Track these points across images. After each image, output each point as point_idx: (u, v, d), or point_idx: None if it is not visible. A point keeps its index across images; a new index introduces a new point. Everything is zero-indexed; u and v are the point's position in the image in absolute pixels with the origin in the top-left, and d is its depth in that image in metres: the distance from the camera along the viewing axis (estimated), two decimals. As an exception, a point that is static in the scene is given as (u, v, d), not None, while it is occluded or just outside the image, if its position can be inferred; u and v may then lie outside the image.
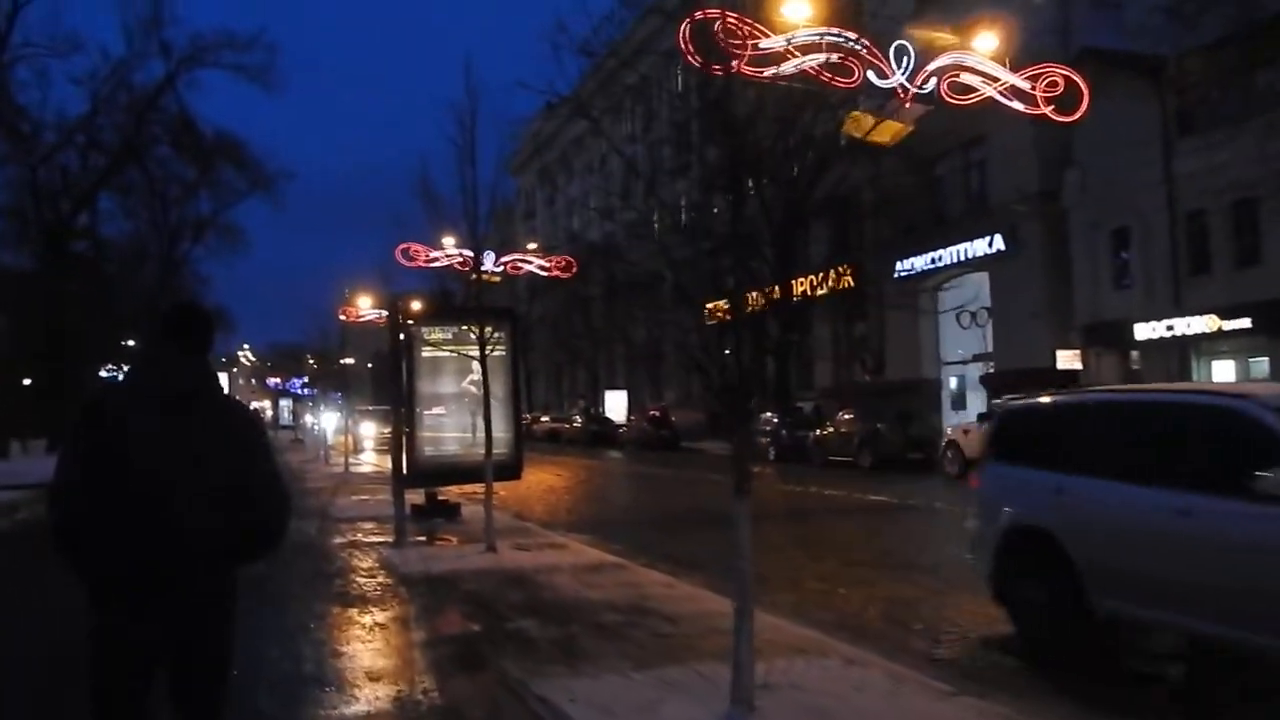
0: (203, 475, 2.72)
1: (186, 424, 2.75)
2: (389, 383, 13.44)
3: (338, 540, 12.01)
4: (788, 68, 15.47)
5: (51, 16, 58.17)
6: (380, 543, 11.61)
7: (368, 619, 7.52)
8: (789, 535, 12.99)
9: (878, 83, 16.29)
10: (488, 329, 10.57)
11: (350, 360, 78.26)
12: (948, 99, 15.49)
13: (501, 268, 39.00)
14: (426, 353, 11.37)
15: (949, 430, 23.61)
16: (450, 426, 11.65)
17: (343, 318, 74.46)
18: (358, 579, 9.33)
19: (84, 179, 35.00)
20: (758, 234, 39.08)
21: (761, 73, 15.63)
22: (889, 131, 15.34)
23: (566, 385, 66.56)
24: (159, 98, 33.87)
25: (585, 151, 67.67)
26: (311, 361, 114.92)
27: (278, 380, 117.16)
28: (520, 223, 74.86)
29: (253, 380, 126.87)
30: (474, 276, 12.33)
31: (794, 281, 36.79)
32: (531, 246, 40.80)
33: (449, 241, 43.66)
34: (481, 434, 11.29)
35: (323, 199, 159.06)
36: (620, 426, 44.82)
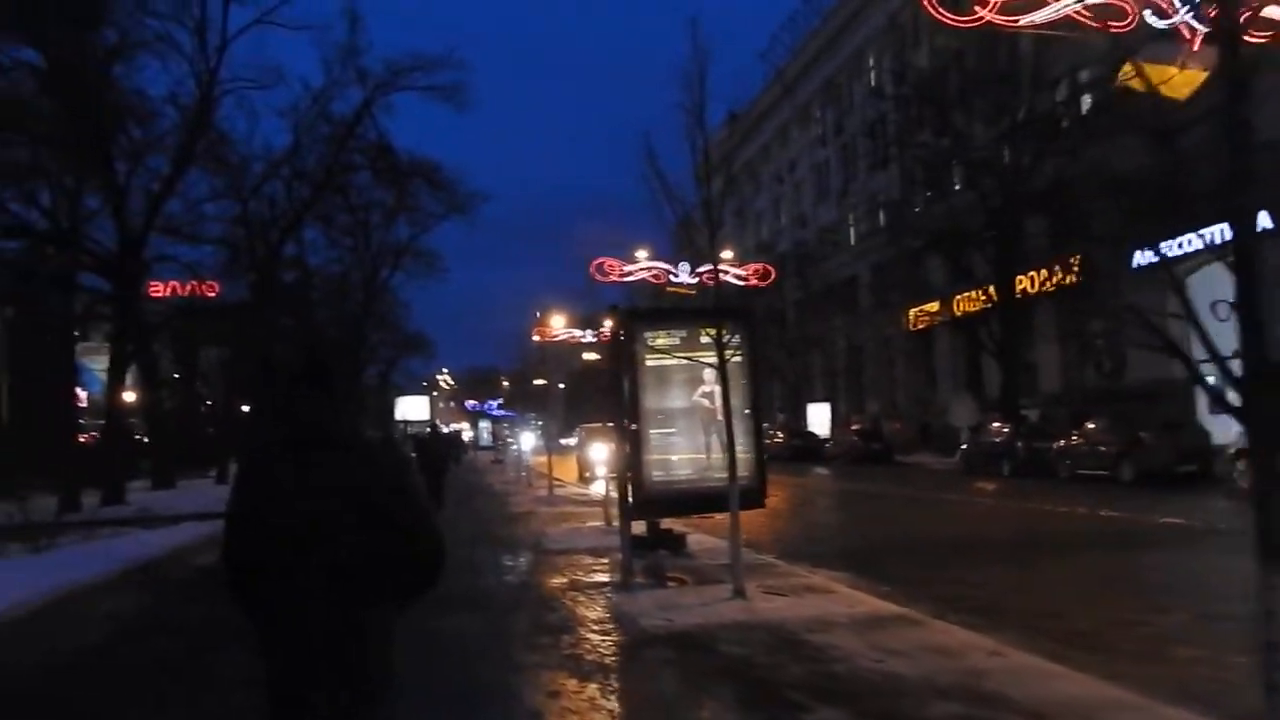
0: (338, 518, 2.69)
1: (320, 468, 2.73)
2: (609, 397, 11.98)
3: (555, 580, 10.54)
4: (1045, 13, 13.18)
5: (256, 50, 60.85)
6: (604, 583, 10.06)
7: (612, 702, 5.86)
8: (1091, 571, 10.64)
9: (1157, 24, 13.74)
10: (725, 331, 8.87)
11: (543, 381, 79.06)
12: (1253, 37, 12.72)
13: (697, 279, 37.55)
14: (651, 362, 9.75)
15: (1233, 438, 20.23)
16: (681, 447, 9.96)
17: (536, 338, 74.88)
18: (588, 636, 7.72)
19: (290, 210, 35.78)
20: (972, 228, 36.26)
21: (1015, 21, 13.38)
22: (1185, 83, 12.66)
23: (764, 400, 64.49)
24: (357, 125, 34.22)
25: (771, 161, 65.81)
26: (506, 383, 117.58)
27: (475, 402, 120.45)
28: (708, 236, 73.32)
29: (451, 403, 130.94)
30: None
31: (1015, 277, 33.67)
32: (726, 255, 38.92)
33: (642, 255, 42.64)
34: (717, 455, 9.61)
35: (513, 221, 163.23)
36: (825, 440, 42.43)
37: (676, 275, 41.47)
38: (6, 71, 24.95)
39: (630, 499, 9.92)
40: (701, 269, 32.51)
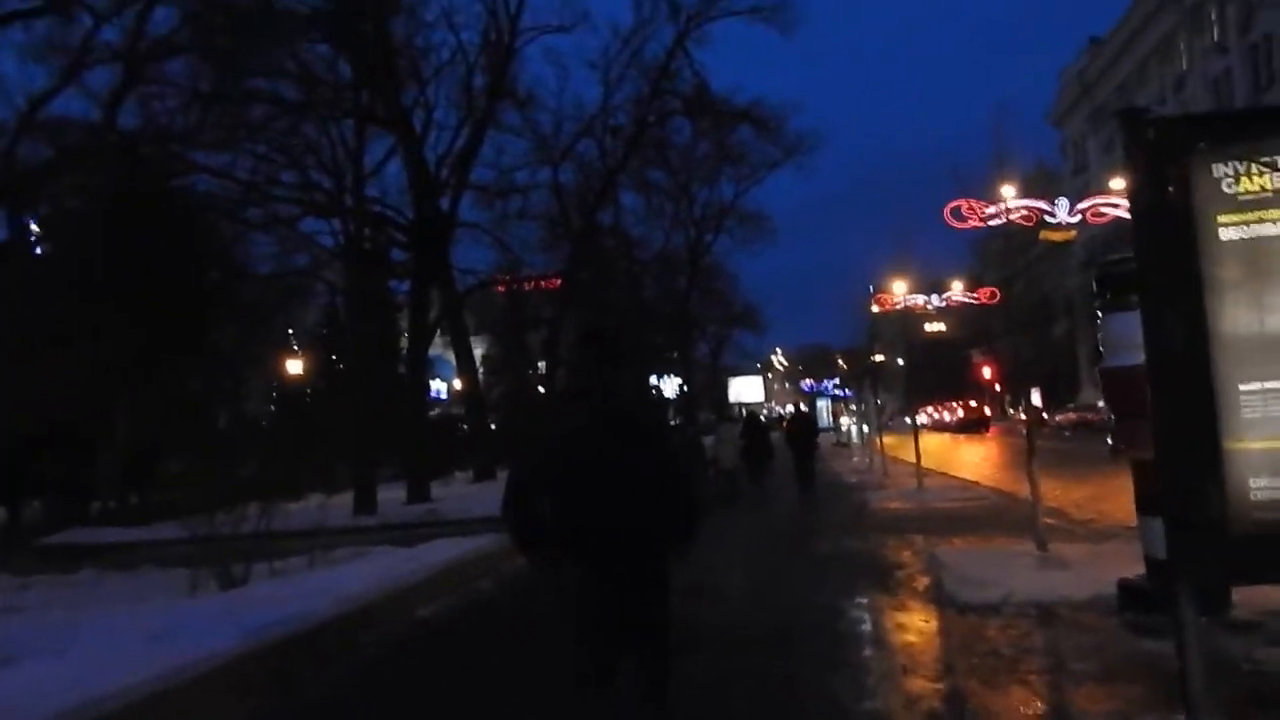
0: (633, 485, 3.29)
1: (614, 437, 3.34)
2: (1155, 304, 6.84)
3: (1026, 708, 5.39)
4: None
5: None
6: None
7: None
8: None
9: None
10: None
11: (881, 357, 72.79)
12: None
13: (1079, 216, 30.37)
14: (1235, 227, 4.32)
15: None
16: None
17: (875, 308, 68.07)
18: None
19: (604, 171, 32.77)
20: None
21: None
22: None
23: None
24: (670, 64, 30.39)
25: (1149, 82, 55.41)
26: (842, 362, 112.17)
27: (810, 382, 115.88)
28: (1070, 179, 63.73)
29: (785, 384, 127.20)
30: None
31: None
32: (1116, 185, 31.12)
33: (1008, 191, 35.37)
34: None
35: (847, 180, 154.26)
36: None
37: (1053, 214, 33.95)
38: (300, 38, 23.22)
39: (1184, 536, 4.56)
40: (1084, 204, 25.91)
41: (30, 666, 5.57)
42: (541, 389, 40.56)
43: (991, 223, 37.61)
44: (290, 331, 40.04)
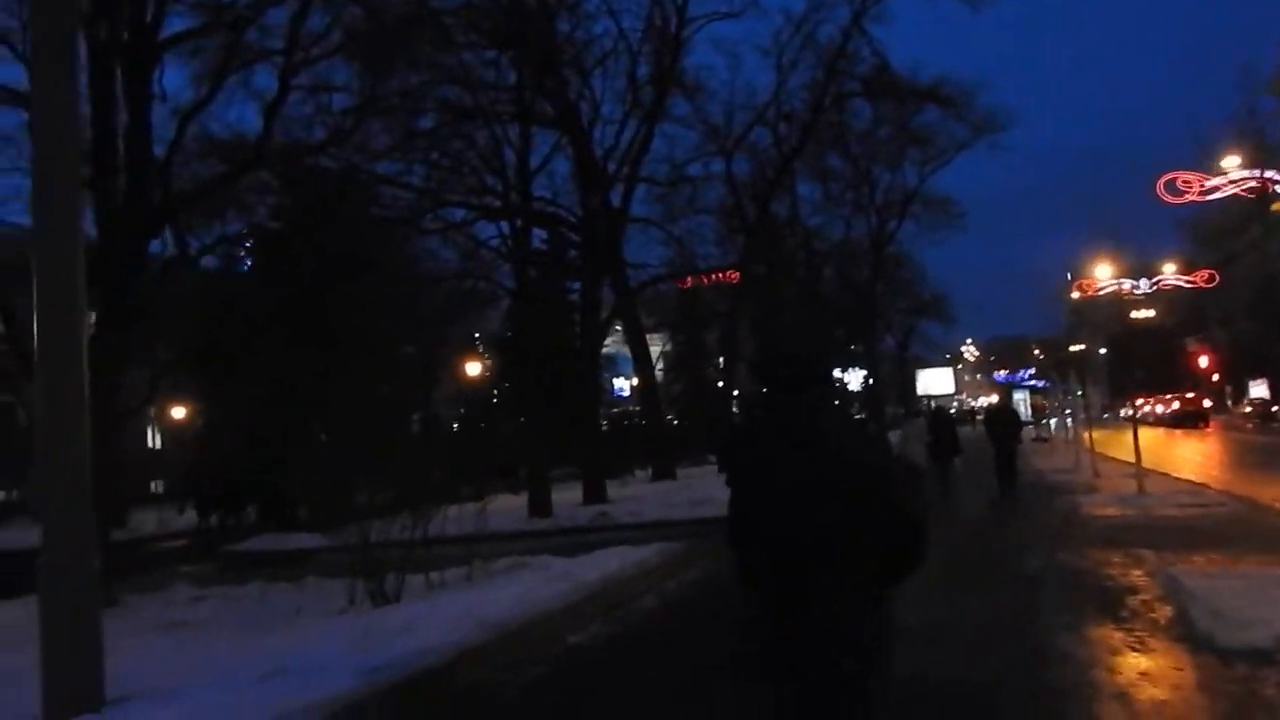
0: (820, 497, 2.94)
1: (806, 462, 2.98)
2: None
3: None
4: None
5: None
6: None
7: None
8: None
9: None
10: None
11: (1082, 346, 68.08)
12: None
13: (1318, 184, 27.02)
14: None
15: None
16: None
17: (1075, 295, 63.83)
18: None
19: (778, 159, 31.48)
20: None
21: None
22: None
23: None
24: (847, 44, 28.77)
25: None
26: (1037, 352, 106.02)
27: (1004, 373, 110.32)
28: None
29: (977, 375, 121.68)
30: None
31: None
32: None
33: (1230, 163, 31.86)
34: None
35: (1042, 162, 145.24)
36: None
37: (1288, 182, 30.75)
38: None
39: None
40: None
41: (135, 710, 5.08)
42: (720, 385, 39.70)
43: (1212, 196, 34.12)
44: (476, 336, 40.74)
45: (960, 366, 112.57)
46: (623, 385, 52.07)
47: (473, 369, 35.79)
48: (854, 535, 2.89)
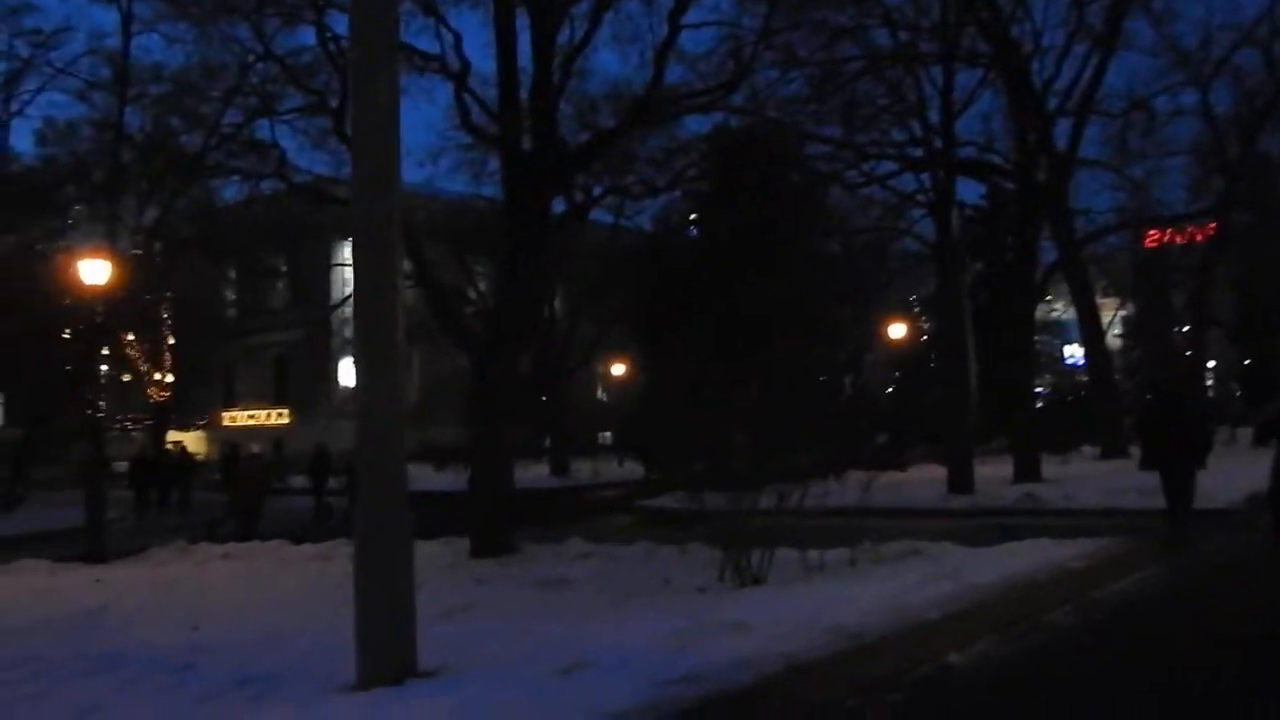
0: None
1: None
2: None
3: None
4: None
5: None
6: None
7: None
8: None
9: None
10: None
11: None
12: None
13: None
14: None
15: None
16: None
17: None
18: None
19: (1272, 88, 26.20)
20: None
21: None
22: None
23: None
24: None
25: None
26: None
27: None
28: None
29: None
30: None
31: None
32: None
33: None
34: None
35: None
36: None
37: None
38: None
39: None
40: None
41: (414, 689, 4.67)
42: (1188, 354, 34.32)
43: None
44: (913, 299, 38.80)
45: None
46: (1073, 353, 47.33)
47: (898, 331, 33.92)
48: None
